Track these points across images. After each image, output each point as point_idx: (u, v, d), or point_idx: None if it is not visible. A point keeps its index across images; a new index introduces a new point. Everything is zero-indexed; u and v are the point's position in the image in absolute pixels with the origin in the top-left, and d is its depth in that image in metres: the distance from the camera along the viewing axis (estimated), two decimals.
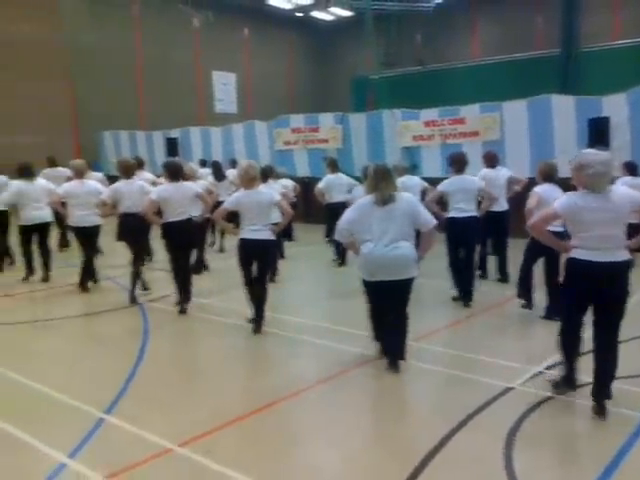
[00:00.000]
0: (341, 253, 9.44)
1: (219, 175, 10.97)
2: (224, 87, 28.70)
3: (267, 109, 24.57)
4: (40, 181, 8.76)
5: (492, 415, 4.11)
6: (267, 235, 6.07)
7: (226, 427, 3.98)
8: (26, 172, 8.54)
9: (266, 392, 4.61)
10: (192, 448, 3.67)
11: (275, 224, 6.31)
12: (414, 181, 8.76)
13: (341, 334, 5.99)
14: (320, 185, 9.89)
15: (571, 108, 11.59)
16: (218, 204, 6.95)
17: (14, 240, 9.28)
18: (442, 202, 7.11)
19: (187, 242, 7.06)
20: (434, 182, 8.59)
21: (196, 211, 7.18)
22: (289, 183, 11.05)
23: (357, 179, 9.55)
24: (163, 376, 5.04)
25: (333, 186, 9.79)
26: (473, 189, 7.00)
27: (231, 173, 11.57)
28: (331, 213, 9.17)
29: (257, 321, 6.13)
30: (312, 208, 13.64)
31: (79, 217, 7.91)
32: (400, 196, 4.89)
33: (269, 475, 3.40)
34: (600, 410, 4.01)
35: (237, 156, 16.55)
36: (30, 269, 8.73)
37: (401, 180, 8.33)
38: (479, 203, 7.27)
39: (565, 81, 16.92)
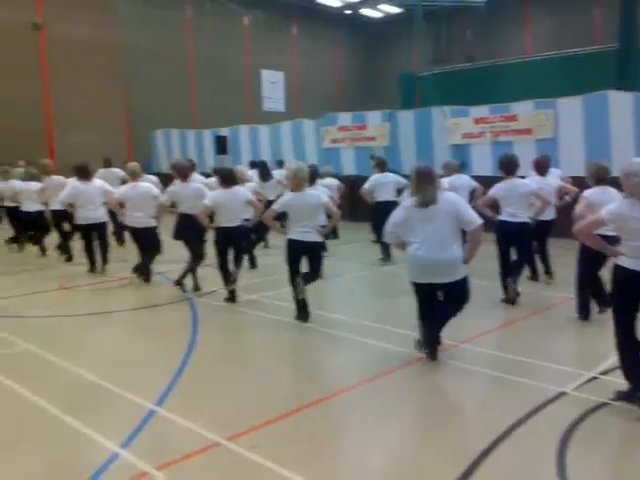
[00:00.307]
0: (386, 250, 9.39)
1: (265, 175, 11.09)
2: (272, 85, 28.95)
3: (314, 107, 24.64)
4: (97, 182, 8.99)
5: (544, 420, 4.00)
6: (314, 237, 6.15)
7: (273, 423, 4.00)
8: (83, 172, 8.80)
9: (312, 389, 4.62)
10: (240, 442, 3.71)
11: (323, 226, 6.36)
12: (463, 180, 8.61)
13: (387, 333, 5.94)
14: (366, 186, 9.70)
15: (629, 105, 11.16)
16: (268, 204, 7.08)
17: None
18: (494, 205, 7.01)
19: (237, 247, 7.22)
20: (484, 181, 8.45)
21: (246, 215, 7.33)
22: (333, 182, 10.98)
23: (405, 177, 9.46)
24: (211, 370, 5.12)
25: (380, 185, 9.66)
26: (525, 193, 6.79)
27: (278, 173, 11.68)
28: (379, 211, 9.05)
29: (304, 314, 6.27)
30: (358, 206, 13.60)
31: (133, 218, 8.13)
32: (443, 196, 4.84)
33: (316, 473, 3.41)
34: None
35: (284, 154, 16.69)
36: (92, 263, 9.00)
37: (449, 180, 8.21)
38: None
39: (623, 77, 16.27)
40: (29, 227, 10.78)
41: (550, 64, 19.65)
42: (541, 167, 7.73)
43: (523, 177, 7.26)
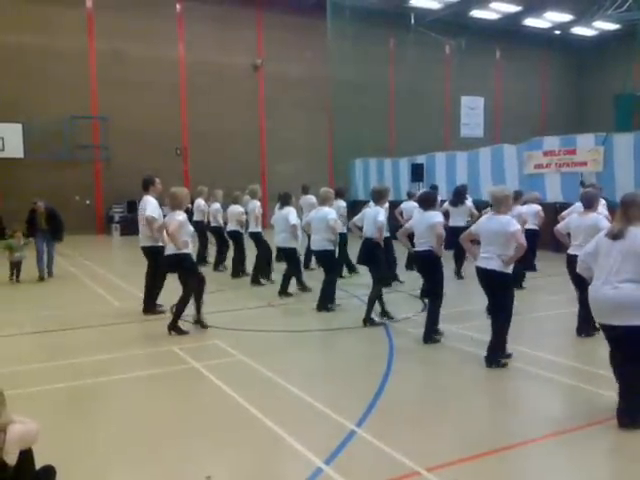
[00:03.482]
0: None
1: (457, 200, 10.89)
2: (471, 111, 28.52)
3: (515, 132, 23.72)
4: (285, 210, 9.43)
5: None
6: (496, 265, 5.73)
7: (473, 460, 3.85)
8: (282, 201, 9.55)
9: (511, 431, 4.39)
10: (440, 475, 3.62)
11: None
12: None
13: (593, 376, 5.39)
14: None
15: None
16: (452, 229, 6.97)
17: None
18: None
19: (426, 272, 7.06)
20: None
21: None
22: (530, 209, 10.28)
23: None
24: (407, 398, 5.10)
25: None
26: None
27: (469, 201, 11.47)
28: None
29: (494, 357, 5.85)
30: None
31: (313, 241, 8.55)
32: (633, 232, 4.29)
33: None
34: None
35: (482, 180, 16.30)
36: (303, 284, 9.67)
37: None
38: None
39: None
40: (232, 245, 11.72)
41: None
42: None
43: None
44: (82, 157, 21.25)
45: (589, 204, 6.75)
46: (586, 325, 6.75)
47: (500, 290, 5.89)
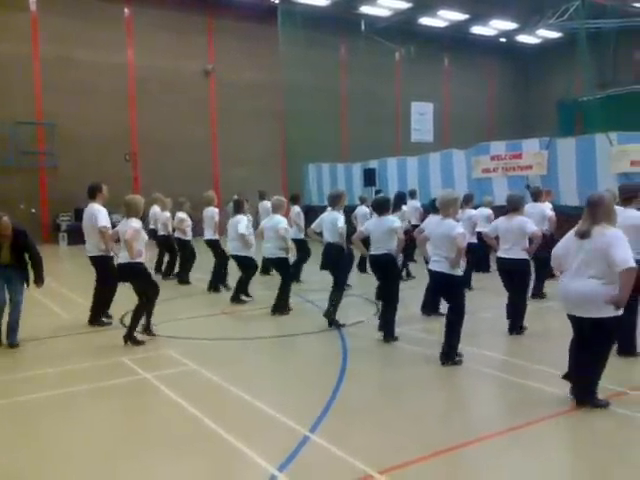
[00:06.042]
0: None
1: (394, 206, 11.06)
2: (421, 117, 29.00)
3: (464, 137, 24.27)
4: (236, 218, 9.40)
5: None
6: (444, 267, 6.00)
7: (424, 460, 3.91)
8: (235, 208, 9.62)
9: (464, 429, 4.47)
10: (392, 477, 3.67)
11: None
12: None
13: (541, 374, 5.57)
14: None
15: None
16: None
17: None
18: None
19: (381, 276, 7.18)
20: None
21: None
22: (478, 213, 10.54)
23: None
24: (361, 401, 5.14)
25: (527, 215, 9.23)
26: None
27: (411, 205, 11.71)
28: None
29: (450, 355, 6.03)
30: None
31: (265, 249, 8.63)
32: (599, 232, 4.50)
33: None
34: None
35: (432, 185, 16.61)
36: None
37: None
38: None
39: None
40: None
41: None
42: None
43: None
44: (27, 164, 20.53)
45: (515, 207, 7.05)
46: (516, 324, 7.18)
47: (451, 291, 6.11)
